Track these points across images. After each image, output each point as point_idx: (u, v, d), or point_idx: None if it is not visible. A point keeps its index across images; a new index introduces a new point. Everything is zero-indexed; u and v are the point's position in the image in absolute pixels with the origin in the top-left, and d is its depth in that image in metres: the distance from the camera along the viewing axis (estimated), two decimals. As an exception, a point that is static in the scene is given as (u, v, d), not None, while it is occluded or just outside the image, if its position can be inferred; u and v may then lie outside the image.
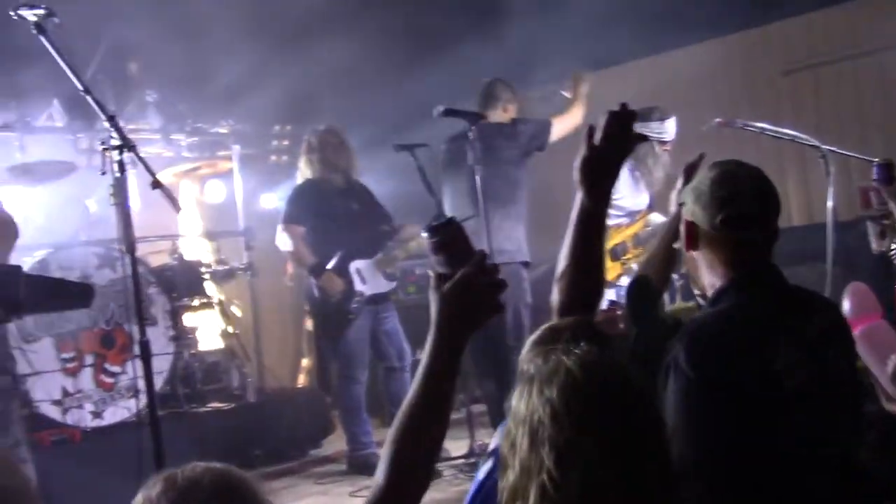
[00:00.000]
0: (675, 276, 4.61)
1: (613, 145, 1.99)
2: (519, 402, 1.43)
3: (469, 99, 5.26)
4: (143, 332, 2.85)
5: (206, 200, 7.01)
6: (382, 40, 6.34)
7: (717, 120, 4.21)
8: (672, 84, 6.91)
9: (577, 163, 2.02)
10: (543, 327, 1.57)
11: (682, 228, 2.14)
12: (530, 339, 1.54)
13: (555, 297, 2.06)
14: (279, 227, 5.32)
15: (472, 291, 1.48)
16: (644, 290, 2.25)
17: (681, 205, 2.17)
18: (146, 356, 2.84)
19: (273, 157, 7.22)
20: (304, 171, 5.40)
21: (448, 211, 4.89)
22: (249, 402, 5.89)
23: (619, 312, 2.23)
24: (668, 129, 5.17)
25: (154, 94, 6.14)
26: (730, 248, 2.07)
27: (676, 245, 2.28)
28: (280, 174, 6.60)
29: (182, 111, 6.25)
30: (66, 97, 5.60)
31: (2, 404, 3.62)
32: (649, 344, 2.01)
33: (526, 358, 1.50)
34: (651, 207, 5.35)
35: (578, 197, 2.03)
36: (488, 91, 5.29)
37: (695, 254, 2.13)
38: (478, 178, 4.47)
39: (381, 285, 5.29)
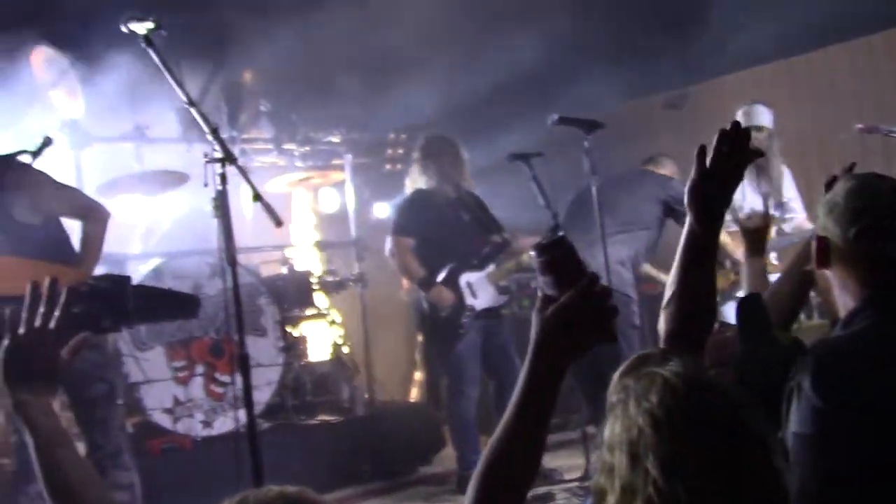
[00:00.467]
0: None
1: (725, 167, 1.89)
2: (613, 426, 1.36)
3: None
4: (241, 345, 2.88)
5: (320, 210, 7.13)
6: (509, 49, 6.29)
7: (859, 126, 3.99)
8: (809, 87, 6.64)
9: (688, 186, 1.93)
10: (631, 357, 1.50)
11: (813, 244, 2.01)
12: (617, 372, 1.46)
13: (662, 324, 1.98)
14: (388, 238, 5.34)
15: (576, 318, 1.40)
16: (754, 307, 2.12)
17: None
18: (245, 369, 2.86)
19: (388, 166, 7.26)
20: (415, 179, 5.39)
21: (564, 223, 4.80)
22: (359, 416, 5.92)
23: (728, 334, 2.10)
24: (755, 117, 4.94)
25: (267, 103, 6.27)
26: (865, 264, 1.93)
27: (808, 267, 2.14)
28: (394, 182, 6.64)
29: (294, 121, 6.36)
30: (182, 107, 5.77)
31: (102, 412, 3.72)
32: (762, 366, 1.91)
33: (615, 388, 1.42)
34: (775, 210, 5.05)
35: (688, 220, 1.94)
36: (656, 157, 5.56)
37: (827, 272, 2.00)
38: (594, 189, 4.36)
39: (492, 299, 5.23)
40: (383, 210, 7.33)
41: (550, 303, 1.42)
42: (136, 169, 5.79)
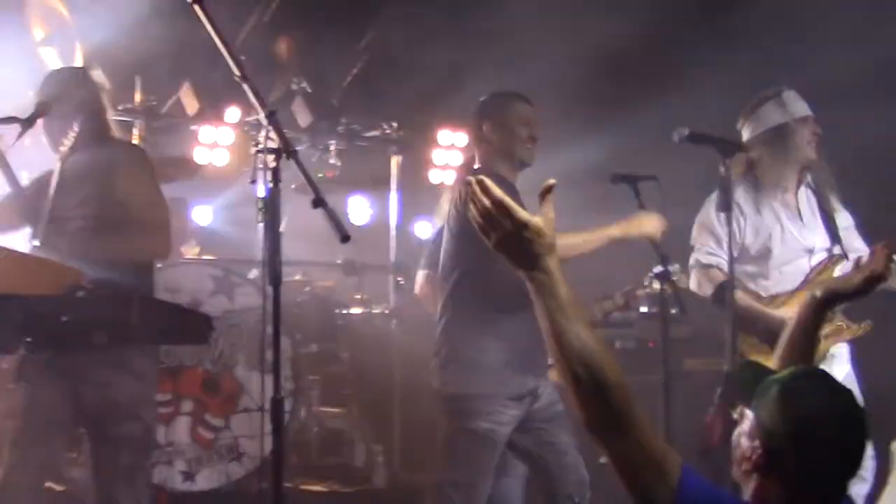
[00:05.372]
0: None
1: None
2: None
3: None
4: (277, 389, 2.91)
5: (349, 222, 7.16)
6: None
7: None
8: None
9: None
10: None
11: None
12: None
13: None
14: (419, 273, 5.07)
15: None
16: None
17: None
18: (279, 421, 2.90)
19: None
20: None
21: None
22: (376, 488, 5.90)
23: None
24: (790, 106, 4.78)
25: (304, 82, 6.29)
26: None
27: None
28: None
29: (335, 106, 6.37)
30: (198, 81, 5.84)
31: (128, 459, 3.66)
32: None
33: None
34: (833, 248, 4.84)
35: None
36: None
37: None
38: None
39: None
40: (426, 230, 7.34)
41: None
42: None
